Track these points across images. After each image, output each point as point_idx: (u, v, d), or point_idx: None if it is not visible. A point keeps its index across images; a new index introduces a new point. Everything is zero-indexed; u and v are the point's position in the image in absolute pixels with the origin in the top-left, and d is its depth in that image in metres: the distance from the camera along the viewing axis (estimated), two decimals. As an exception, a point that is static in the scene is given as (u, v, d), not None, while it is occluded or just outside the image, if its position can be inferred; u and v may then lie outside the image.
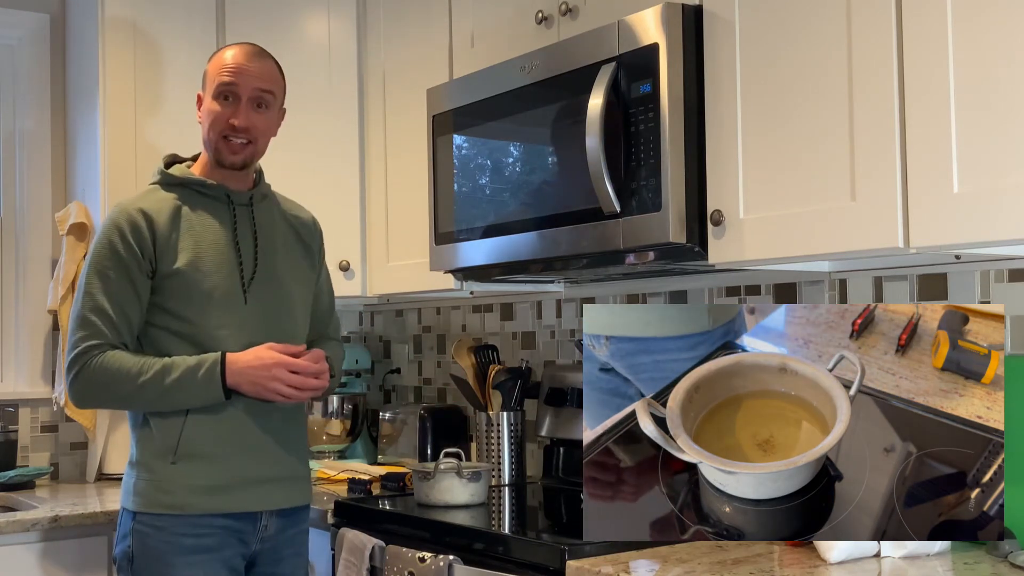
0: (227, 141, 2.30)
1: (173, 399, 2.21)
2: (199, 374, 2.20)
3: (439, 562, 2.17)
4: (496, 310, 3.27)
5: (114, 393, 2.23)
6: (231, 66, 2.30)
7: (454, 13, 2.83)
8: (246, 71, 2.30)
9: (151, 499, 2.23)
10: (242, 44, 2.36)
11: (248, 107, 2.30)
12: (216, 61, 2.33)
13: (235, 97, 2.29)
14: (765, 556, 1.92)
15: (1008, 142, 1.67)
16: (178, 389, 2.20)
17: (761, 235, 2.02)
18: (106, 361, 2.20)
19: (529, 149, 2.45)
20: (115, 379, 2.20)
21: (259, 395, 2.25)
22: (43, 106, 3.48)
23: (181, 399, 2.21)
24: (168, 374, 2.20)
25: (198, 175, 2.34)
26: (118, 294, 2.23)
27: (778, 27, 2.00)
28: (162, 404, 2.22)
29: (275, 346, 2.26)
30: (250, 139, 2.31)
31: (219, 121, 2.29)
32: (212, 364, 2.21)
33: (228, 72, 2.29)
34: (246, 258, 2.32)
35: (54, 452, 3.44)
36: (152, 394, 2.20)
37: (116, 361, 2.20)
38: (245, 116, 2.29)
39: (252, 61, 2.31)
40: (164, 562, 2.21)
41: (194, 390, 2.21)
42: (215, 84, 2.30)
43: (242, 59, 2.31)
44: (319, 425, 3.42)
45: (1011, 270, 2.06)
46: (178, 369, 2.20)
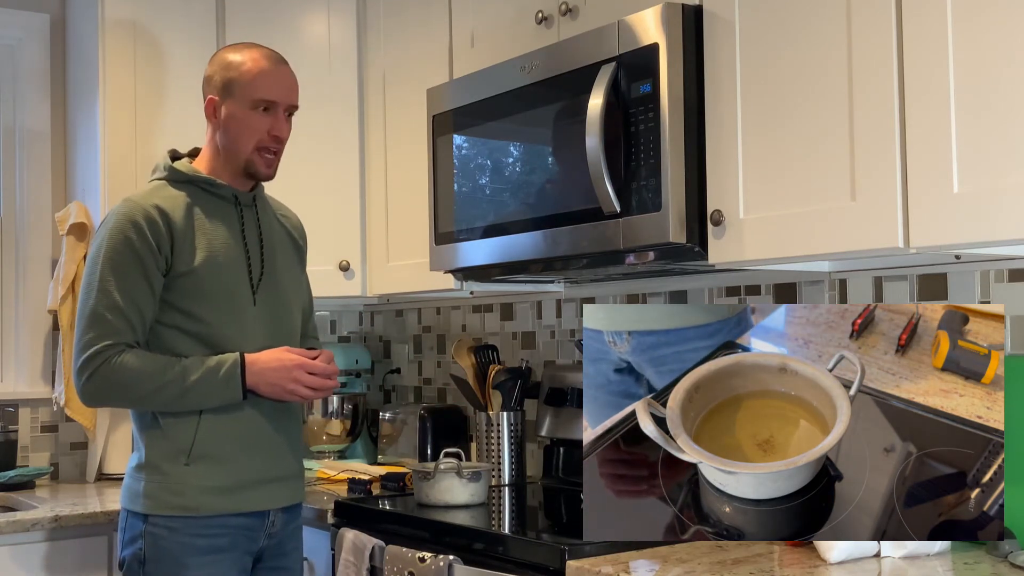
0: (262, 154, 2.31)
1: (191, 400, 2.21)
2: (219, 375, 2.21)
3: (439, 562, 2.17)
4: (496, 310, 3.27)
5: (132, 393, 2.21)
6: (271, 78, 2.29)
7: (454, 13, 2.83)
8: (284, 83, 2.31)
9: (163, 501, 2.22)
10: (264, 50, 2.34)
11: (284, 118, 2.32)
12: (246, 70, 2.29)
13: (274, 108, 2.30)
14: (765, 556, 1.92)
15: (1008, 142, 1.67)
16: (198, 390, 2.20)
17: (761, 235, 2.01)
18: (124, 361, 2.18)
19: (529, 149, 2.45)
20: (135, 380, 2.18)
21: (276, 395, 2.26)
22: (43, 106, 3.48)
23: (198, 400, 2.21)
24: (188, 375, 2.20)
25: (204, 173, 2.33)
26: (133, 291, 2.21)
27: (778, 27, 2.00)
28: (179, 404, 2.22)
29: (292, 349, 2.29)
30: (279, 150, 2.34)
31: (258, 132, 2.29)
32: (232, 365, 2.22)
33: (270, 82, 2.29)
34: (254, 259, 2.33)
35: (54, 452, 3.44)
36: (171, 395, 2.19)
37: (135, 361, 2.19)
38: (286, 128, 2.32)
39: (285, 72, 2.33)
40: (178, 564, 2.21)
41: (214, 391, 2.21)
42: (252, 95, 2.28)
43: (279, 70, 2.32)
44: (319, 425, 3.41)
45: (1011, 270, 2.06)
46: (198, 370, 2.20)
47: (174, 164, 2.34)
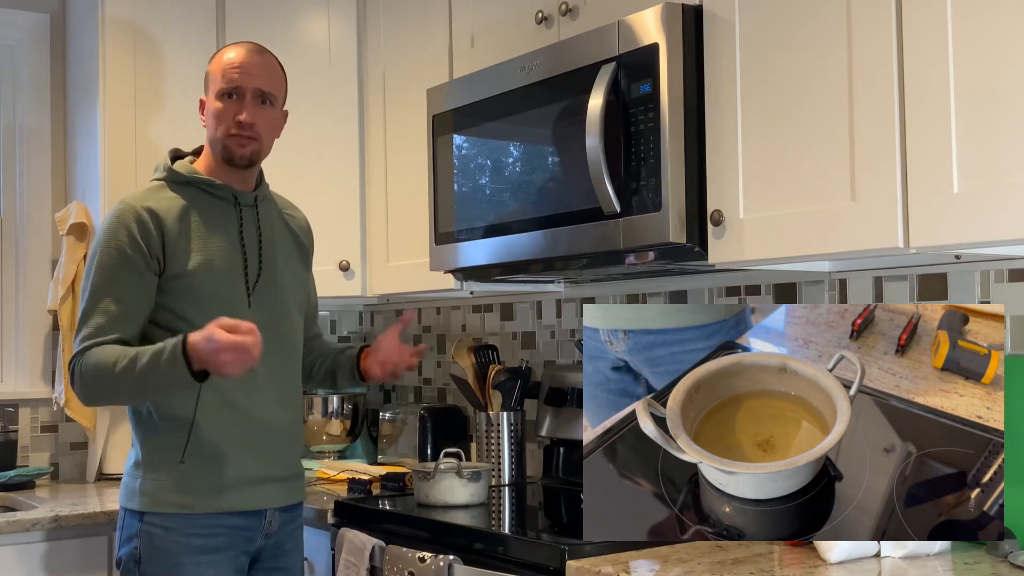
0: (234, 139, 2.29)
1: (148, 387, 2.15)
2: (163, 357, 2.10)
3: (439, 562, 2.17)
4: (496, 310, 3.27)
5: (102, 387, 2.18)
6: (234, 64, 2.29)
7: (454, 13, 2.83)
8: (248, 69, 2.29)
9: (159, 499, 2.22)
10: (243, 43, 2.35)
11: (253, 103, 2.30)
12: (217, 61, 2.33)
13: (239, 95, 2.29)
14: (765, 556, 1.92)
15: (1008, 142, 1.67)
16: (150, 376, 2.11)
17: (761, 235, 2.01)
18: (91, 357, 2.17)
19: (529, 149, 2.45)
20: (98, 374, 2.16)
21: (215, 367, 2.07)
22: (43, 106, 3.48)
23: (154, 386, 2.14)
24: (138, 362, 2.12)
25: (203, 174, 2.33)
26: (123, 293, 2.21)
27: (778, 27, 2.00)
28: (139, 393, 2.18)
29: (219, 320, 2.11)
30: (255, 135, 2.30)
31: (224, 118, 2.29)
32: (174, 346, 2.10)
33: (231, 70, 2.29)
34: (251, 261, 2.32)
35: (54, 452, 3.44)
36: (129, 384, 2.14)
37: (100, 354, 2.16)
38: (251, 112, 2.29)
39: (254, 58, 2.31)
40: (173, 562, 2.21)
41: (163, 375, 2.10)
42: (218, 84, 2.30)
43: (244, 57, 2.30)
44: (319, 425, 3.41)
45: (1011, 270, 2.06)
46: (146, 356, 2.12)
47: (173, 165, 2.34)
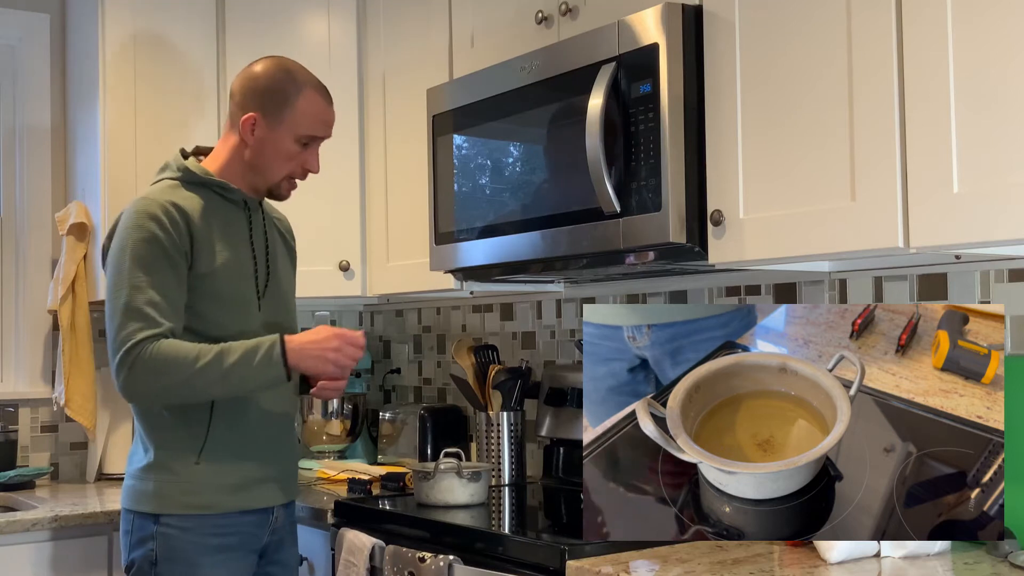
0: (290, 181, 2.35)
1: (232, 382, 2.17)
2: (258, 355, 2.16)
3: (439, 562, 2.17)
4: (496, 310, 3.27)
5: (171, 381, 2.15)
6: (329, 119, 2.34)
7: (454, 13, 2.83)
8: (331, 121, 2.36)
9: (176, 501, 2.22)
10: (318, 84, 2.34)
11: (317, 151, 2.36)
12: (302, 106, 2.30)
13: (313, 144, 2.34)
14: (765, 556, 1.92)
15: (1008, 142, 1.67)
16: (237, 372, 2.15)
17: (761, 235, 2.01)
18: (161, 348, 2.14)
19: (529, 149, 2.45)
20: (172, 366, 2.14)
21: (319, 369, 2.22)
22: (43, 106, 3.48)
23: (239, 382, 2.17)
24: (226, 357, 2.15)
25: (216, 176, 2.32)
26: (163, 283, 2.18)
27: (778, 27, 2.00)
28: (220, 389, 2.18)
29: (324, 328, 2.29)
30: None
31: (293, 163, 2.32)
32: (271, 345, 2.17)
33: (326, 125, 2.34)
34: (260, 263, 2.34)
35: (54, 452, 3.44)
36: (210, 379, 2.15)
37: (171, 348, 2.15)
38: (318, 163, 2.36)
39: (332, 110, 2.37)
40: (191, 563, 2.21)
41: (253, 372, 2.16)
42: (304, 128, 2.29)
43: (328, 110, 2.35)
44: (319, 425, 3.41)
45: (1011, 270, 2.06)
46: (236, 352, 2.16)
47: (187, 164, 2.32)
